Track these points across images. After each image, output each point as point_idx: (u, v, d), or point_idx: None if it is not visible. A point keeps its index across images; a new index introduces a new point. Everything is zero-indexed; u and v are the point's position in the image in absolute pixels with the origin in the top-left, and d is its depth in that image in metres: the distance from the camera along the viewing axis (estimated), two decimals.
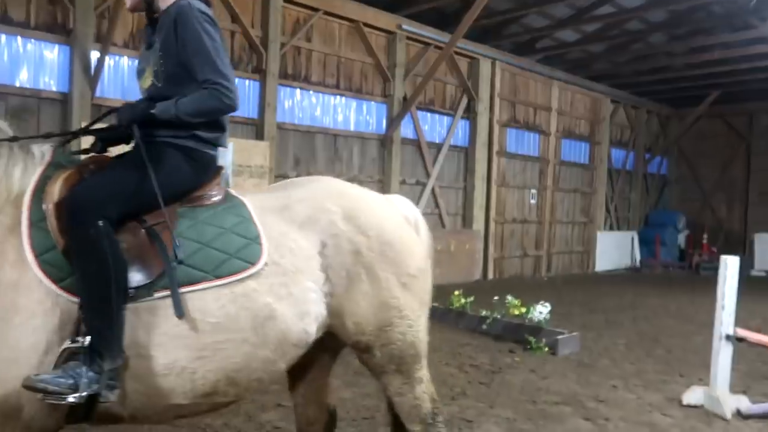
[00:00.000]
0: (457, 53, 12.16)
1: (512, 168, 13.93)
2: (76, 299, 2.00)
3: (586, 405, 4.81)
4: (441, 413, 2.75)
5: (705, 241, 17.20)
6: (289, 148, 9.98)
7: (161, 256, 2.12)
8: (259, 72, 9.34)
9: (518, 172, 14.11)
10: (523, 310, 6.94)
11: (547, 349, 6.46)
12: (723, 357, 4.85)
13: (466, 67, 12.70)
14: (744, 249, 17.94)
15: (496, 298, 7.38)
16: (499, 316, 7.20)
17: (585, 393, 5.12)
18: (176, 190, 2.31)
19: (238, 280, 2.19)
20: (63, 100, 7.63)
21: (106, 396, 1.98)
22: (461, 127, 12.81)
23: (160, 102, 2.28)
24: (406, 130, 11.62)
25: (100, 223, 2.03)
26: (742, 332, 4.93)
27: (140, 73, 2.50)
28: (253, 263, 2.23)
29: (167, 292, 2.09)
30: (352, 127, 10.85)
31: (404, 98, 11.26)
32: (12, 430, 1.94)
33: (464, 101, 12.67)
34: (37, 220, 2.02)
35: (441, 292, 8.69)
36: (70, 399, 1.89)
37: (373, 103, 11.12)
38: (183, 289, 2.10)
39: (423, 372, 2.70)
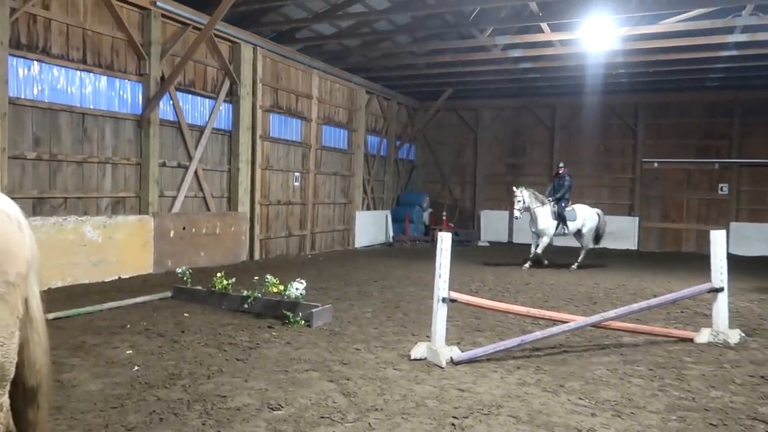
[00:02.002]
0: (217, 36, 12.10)
1: (276, 152, 14.37)
2: None
3: (333, 368, 5.39)
4: None
5: (444, 218, 19.87)
6: (27, 126, 8.97)
7: None
8: None
9: (282, 156, 14.61)
10: (281, 287, 7.42)
11: (303, 322, 7.02)
12: (440, 316, 5.86)
13: (228, 51, 12.68)
14: (473, 224, 21.24)
15: (256, 278, 7.73)
16: (260, 295, 7.58)
17: (332, 358, 5.73)
18: None
19: None
20: None
21: None
22: (224, 110, 12.80)
23: None
24: (165, 111, 11.24)
25: None
26: (455, 295, 6.05)
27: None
28: None
29: None
30: (103, 106, 10.14)
31: (162, 78, 10.87)
32: None
33: (227, 85, 12.66)
34: None
35: (207, 274, 8.86)
36: None
37: (126, 81, 10.50)
38: None
39: (5, 398, 2.23)
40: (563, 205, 13.70)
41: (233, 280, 8.08)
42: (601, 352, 6.31)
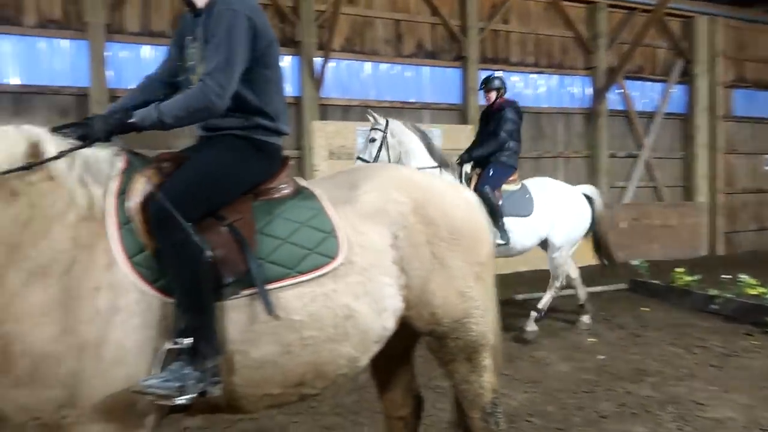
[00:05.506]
0: (666, 14, 11.19)
1: (741, 133, 12.43)
2: (170, 300, 1.97)
3: None
4: (500, 403, 2.73)
5: None
6: None
7: (245, 253, 2.07)
8: (460, 59, 9.66)
9: (748, 137, 12.55)
10: (762, 290, 6.31)
11: None
12: None
13: (679, 28, 11.63)
14: None
15: (723, 276, 6.81)
16: (731, 296, 6.64)
17: None
18: (250, 183, 2.27)
19: (318, 277, 2.15)
20: (296, 103, 8.73)
21: (211, 392, 1.98)
22: (676, 92, 11.80)
23: (141, 108, 2.11)
24: (612, 101, 11.09)
25: (186, 225, 1.98)
26: None
27: (191, 70, 2.30)
28: (332, 257, 2.18)
29: (253, 290, 2.06)
30: (554, 104, 10.68)
31: (609, 69, 10.73)
32: (132, 426, 1.96)
33: (678, 65, 11.64)
34: (124, 222, 1.97)
35: (661, 268, 8.30)
36: (179, 401, 1.89)
37: (575, 77, 10.81)
38: (267, 287, 2.08)
39: (489, 361, 2.64)
40: (492, 175, 5.77)
41: (696, 276, 7.31)
42: None
